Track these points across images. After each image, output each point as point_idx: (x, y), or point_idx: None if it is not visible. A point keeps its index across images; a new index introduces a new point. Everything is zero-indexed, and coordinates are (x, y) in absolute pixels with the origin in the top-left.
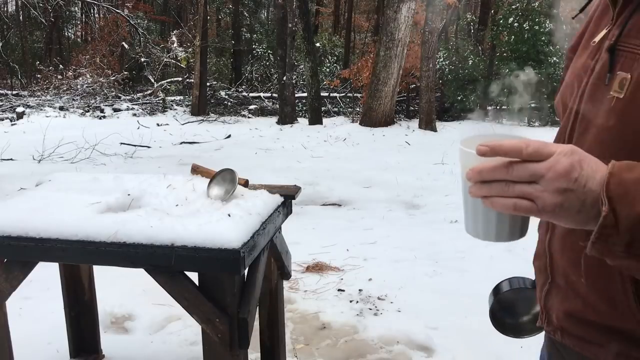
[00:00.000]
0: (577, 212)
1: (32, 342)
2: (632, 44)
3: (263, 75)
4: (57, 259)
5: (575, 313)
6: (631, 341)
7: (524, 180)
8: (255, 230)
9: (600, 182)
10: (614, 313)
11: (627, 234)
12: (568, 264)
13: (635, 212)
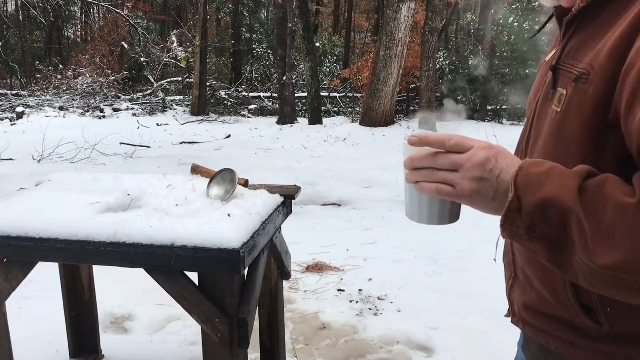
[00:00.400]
0: (491, 199)
1: (32, 342)
2: (569, 64)
3: (263, 75)
4: (57, 259)
5: (531, 305)
6: (574, 330)
7: (446, 168)
8: (255, 231)
9: (512, 174)
10: (558, 304)
11: (528, 218)
12: (524, 260)
13: (536, 198)
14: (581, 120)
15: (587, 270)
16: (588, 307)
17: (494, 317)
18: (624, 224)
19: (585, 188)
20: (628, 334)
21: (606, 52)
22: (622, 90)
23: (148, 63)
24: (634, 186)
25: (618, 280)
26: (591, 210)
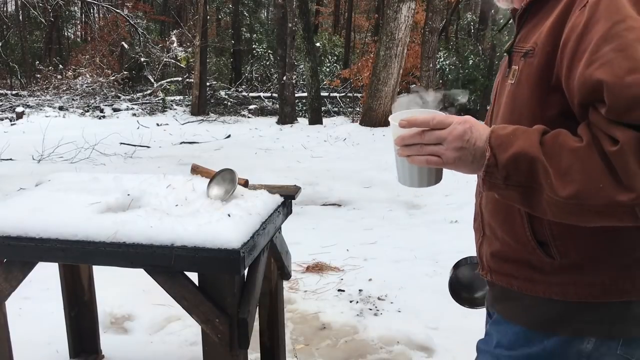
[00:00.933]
0: (470, 162)
1: (32, 342)
2: (519, 46)
3: (263, 75)
4: (56, 259)
5: (496, 253)
6: (532, 268)
7: (432, 142)
8: (255, 231)
9: (485, 139)
10: (519, 245)
11: (504, 170)
12: (490, 215)
13: (508, 154)
14: (529, 86)
15: (553, 204)
16: (542, 242)
17: None
18: (577, 163)
19: (544, 141)
20: (573, 264)
21: (545, 31)
22: (561, 59)
23: (148, 63)
24: (579, 135)
25: (578, 207)
26: (552, 156)
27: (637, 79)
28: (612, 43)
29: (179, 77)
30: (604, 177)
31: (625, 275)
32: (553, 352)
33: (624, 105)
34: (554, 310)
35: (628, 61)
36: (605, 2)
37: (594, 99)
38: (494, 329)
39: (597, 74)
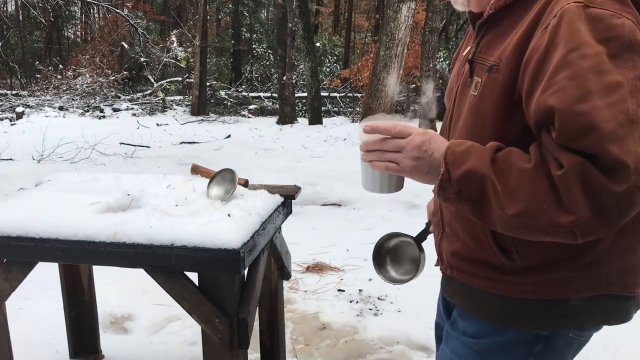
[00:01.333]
0: (426, 172)
1: (32, 342)
2: (481, 57)
3: (263, 75)
4: (56, 259)
5: (457, 252)
6: (493, 268)
7: (392, 150)
8: (255, 231)
9: (442, 154)
10: (480, 248)
11: (456, 186)
12: (451, 216)
13: (460, 170)
14: (492, 101)
15: (502, 219)
16: (504, 248)
17: None
18: (524, 183)
19: (496, 159)
20: (532, 266)
21: (510, 48)
22: (523, 77)
23: (148, 63)
24: (530, 153)
25: (523, 224)
26: (501, 175)
27: (586, 108)
28: (566, 70)
29: (179, 77)
30: (547, 199)
31: (579, 275)
32: (515, 340)
33: (572, 132)
34: (513, 306)
35: (579, 90)
36: (564, 27)
37: (546, 122)
38: (459, 317)
39: (550, 100)
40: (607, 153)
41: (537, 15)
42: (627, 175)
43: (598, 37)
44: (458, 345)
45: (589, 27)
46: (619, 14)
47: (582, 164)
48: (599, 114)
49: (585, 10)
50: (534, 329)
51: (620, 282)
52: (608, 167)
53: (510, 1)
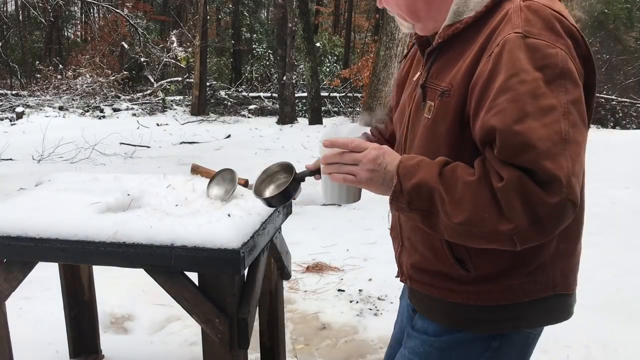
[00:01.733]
0: (380, 184)
1: (32, 342)
2: (433, 83)
3: (263, 75)
4: (56, 259)
5: (417, 265)
6: (450, 279)
7: (349, 163)
8: (255, 231)
9: (395, 167)
10: (438, 260)
11: (407, 196)
12: (411, 230)
13: (411, 182)
14: (446, 123)
15: (448, 227)
16: (460, 259)
17: None
18: (468, 194)
19: (443, 172)
20: (487, 275)
21: (461, 74)
22: (470, 100)
23: (148, 63)
24: (475, 167)
25: (468, 232)
26: (448, 187)
27: (523, 128)
28: (506, 94)
29: (179, 77)
30: (489, 209)
31: (530, 280)
32: (474, 337)
33: (511, 149)
34: (472, 313)
35: (517, 112)
36: (506, 55)
37: (489, 140)
38: (419, 319)
39: (492, 120)
40: (542, 168)
41: (483, 43)
42: (560, 189)
43: (535, 64)
44: (417, 344)
45: (527, 55)
46: (554, 45)
47: (520, 177)
48: (535, 134)
49: (524, 40)
50: (492, 332)
51: (564, 282)
52: (543, 181)
53: (458, 31)
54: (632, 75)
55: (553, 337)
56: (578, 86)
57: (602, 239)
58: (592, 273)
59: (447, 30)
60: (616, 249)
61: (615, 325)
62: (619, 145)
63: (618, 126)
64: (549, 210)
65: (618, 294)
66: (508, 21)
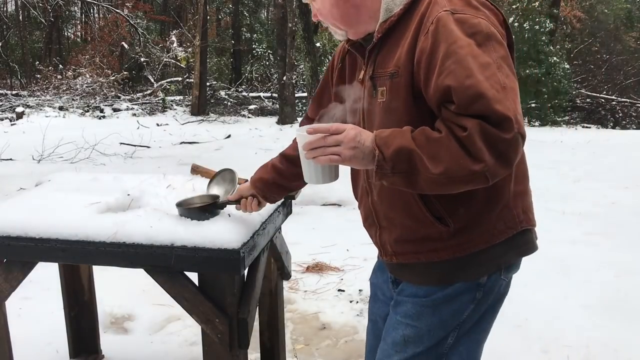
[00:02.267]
0: (362, 158)
1: (32, 342)
2: (380, 71)
3: (263, 75)
4: (56, 259)
5: (399, 238)
6: (433, 240)
7: (332, 145)
8: (255, 231)
9: (372, 141)
10: (419, 225)
11: (390, 162)
12: (388, 208)
13: (391, 150)
14: (401, 99)
15: (430, 180)
16: (439, 217)
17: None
18: (441, 148)
19: (414, 137)
20: (464, 226)
21: (404, 55)
22: (418, 72)
23: (148, 63)
24: (437, 129)
25: (447, 179)
26: (422, 146)
27: (473, 82)
28: (451, 58)
29: (179, 77)
30: (461, 155)
31: (499, 220)
32: (461, 291)
33: (466, 100)
34: (459, 265)
35: (465, 70)
36: (441, 29)
37: (445, 100)
38: (407, 286)
39: (445, 81)
40: (494, 111)
41: (417, 26)
42: (511, 125)
43: (466, 33)
44: (409, 308)
45: (458, 27)
46: (476, 16)
47: (479, 123)
48: (482, 85)
49: (452, 15)
50: (479, 276)
51: (526, 218)
52: (497, 122)
53: (393, 24)
54: (632, 75)
55: (553, 337)
56: (502, 45)
57: (602, 239)
58: (592, 273)
59: (383, 26)
60: (616, 249)
61: (615, 325)
62: (619, 145)
63: (618, 126)
64: (507, 145)
65: (618, 294)
66: (435, 4)
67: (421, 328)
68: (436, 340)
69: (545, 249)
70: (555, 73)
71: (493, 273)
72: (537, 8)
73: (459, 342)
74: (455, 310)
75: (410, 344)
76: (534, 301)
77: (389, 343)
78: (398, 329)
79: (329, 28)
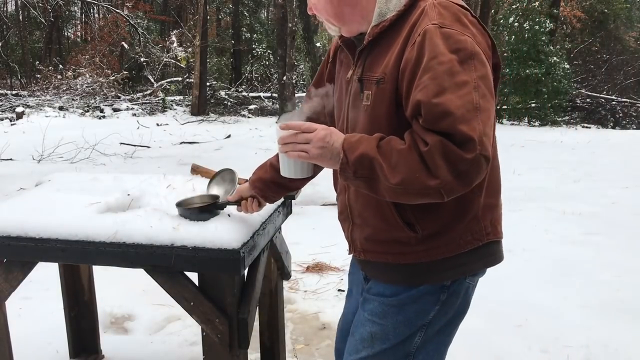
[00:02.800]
0: (329, 159)
1: (32, 342)
2: (368, 75)
3: (263, 75)
4: (56, 259)
5: (370, 237)
6: (402, 243)
7: (302, 142)
8: (255, 231)
9: (340, 144)
10: (390, 227)
11: (353, 167)
12: (362, 207)
13: (355, 155)
14: (384, 105)
15: (388, 189)
16: (409, 223)
17: (494, 317)
18: (402, 159)
19: (380, 145)
20: (433, 233)
21: (391, 64)
22: (401, 82)
23: (148, 63)
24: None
25: (404, 190)
26: (385, 155)
27: (442, 100)
28: (428, 73)
29: (179, 77)
30: (419, 169)
31: (467, 231)
32: (426, 292)
33: (432, 117)
34: (424, 269)
35: (437, 87)
36: (427, 42)
37: (416, 113)
38: (374, 284)
39: (417, 95)
40: (458, 131)
41: (407, 35)
42: (474, 146)
43: (450, 48)
44: (375, 306)
45: (443, 41)
46: (463, 33)
47: (441, 141)
48: (452, 104)
49: (440, 29)
50: (443, 281)
51: (494, 230)
52: (460, 141)
53: (384, 29)
54: (632, 75)
55: (553, 337)
56: (485, 65)
57: (602, 239)
58: (592, 273)
59: (374, 30)
60: (616, 249)
61: (615, 325)
62: (619, 145)
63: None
64: (467, 165)
65: (618, 294)
66: (425, 15)
67: (387, 326)
68: (402, 337)
69: (545, 249)
70: (555, 73)
71: (457, 278)
72: (537, 8)
73: (426, 342)
74: (419, 310)
75: (377, 341)
76: (534, 301)
77: (357, 339)
78: (365, 325)
79: (323, 23)
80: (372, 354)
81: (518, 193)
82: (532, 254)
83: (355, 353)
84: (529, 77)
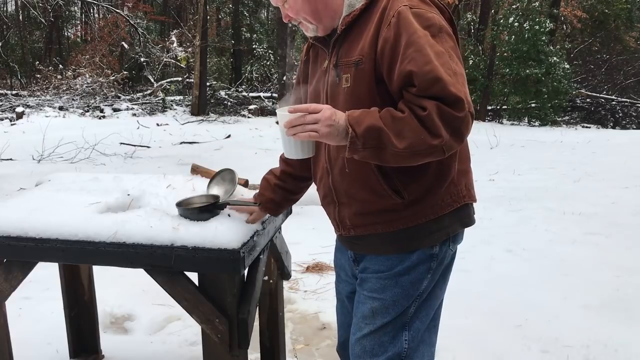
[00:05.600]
0: (336, 135)
1: (32, 342)
2: (344, 60)
3: (263, 75)
4: (56, 259)
5: (359, 211)
6: (390, 211)
7: (310, 122)
8: (255, 231)
9: (345, 120)
10: (378, 198)
11: (362, 138)
12: (348, 184)
13: (362, 128)
14: (365, 84)
15: (394, 154)
16: (396, 190)
17: (494, 317)
18: (405, 126)
19: (381, 116)
20: (417, 198)
21: (367, 45)
22: (382, 60)
23: (148, 63)
24: (400, 109)
25: (412, 152)
26: (388, 125)
27: (431, 67)
28: (412, 47)
29: (179, 77)
30: (422, 132)
31: (446, 194)
32: (419, 261)
33: (426, 84)
34: (414, 233)
35: (424, 57)
36: (402, 21)
37: (407, 84)
38: (369, 263)
39: (408, 67)
40: (449, 93)
41: (379, 18)
42: (463, 105)
43: (422, 25)
44: (373, 283)
45: (416, 20)
46: (430, 11)
47: (436, 104)
48: (439, 70)
49: (411, 10)
50: (432, 243)
51: (469, 194)
52: (452, 102)
53: (355, 17)
54: (632, 75)
55: (553, 337)
56: (452, 37)
57: (602, 239)
58: (592, 273)
59: (346, 19)
60: (616, 249)
61: (615, 325)
62: (619, 145)
63: (618, 126)
64: (460, 122)
65: (618, 294)
66: (395, 0)
67: (386, 299)
68: (401, 309)
69: (545, 248)
70: (555, 73)
71: (443, 243)
72: (537, 8)
73: (419, 310)
74: (414, 280)
75: (378, 315)
76: (534, 301)
77: (359, 317)
78: (366, 303)
79: (300, 25)
80: (374, 329)
81: (518, 193)
82: (532, 253)
83: (358, 331)
84: (529, 77)
